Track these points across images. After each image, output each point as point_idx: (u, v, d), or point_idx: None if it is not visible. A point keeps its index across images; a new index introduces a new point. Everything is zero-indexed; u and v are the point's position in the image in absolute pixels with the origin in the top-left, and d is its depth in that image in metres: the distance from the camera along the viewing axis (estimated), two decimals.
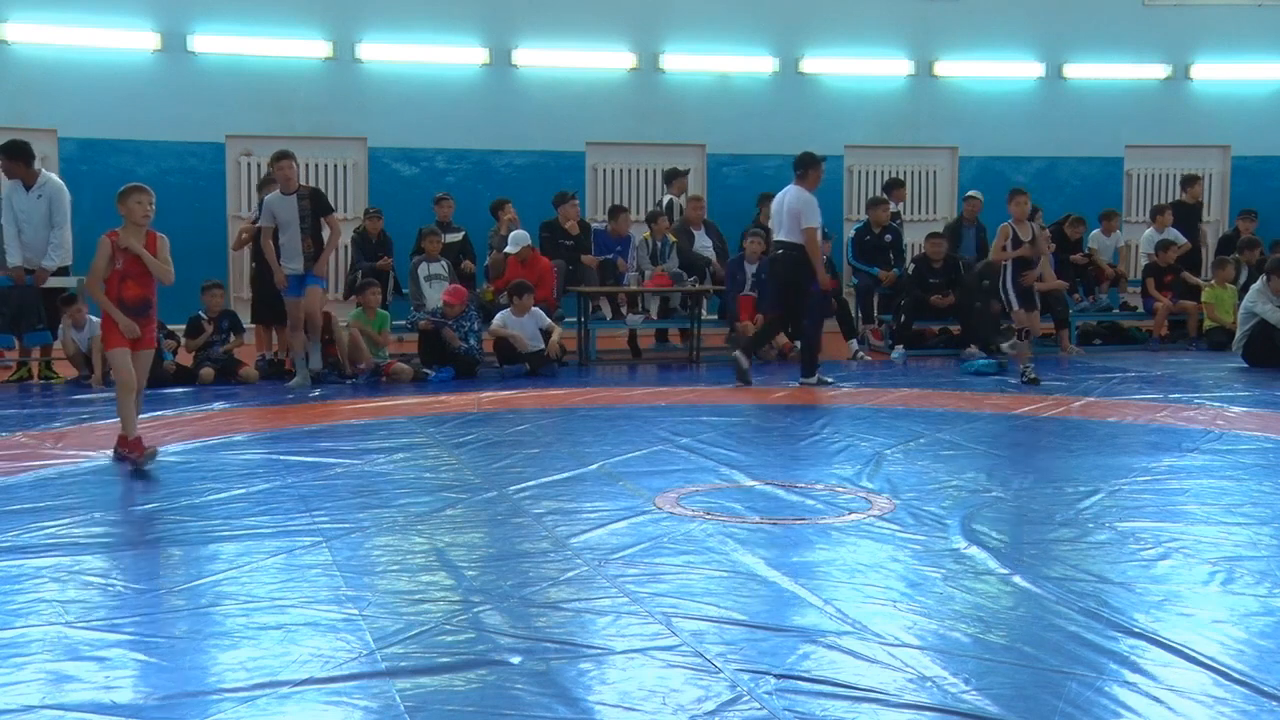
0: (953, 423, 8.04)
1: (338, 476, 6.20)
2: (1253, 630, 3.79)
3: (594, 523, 5.20)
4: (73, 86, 13.39)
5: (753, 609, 4.00)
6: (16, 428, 7.85)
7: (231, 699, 3.19)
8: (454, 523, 5.27)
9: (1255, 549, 4.77)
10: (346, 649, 3.58)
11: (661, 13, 15.28)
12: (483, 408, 8.86)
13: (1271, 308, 11.21)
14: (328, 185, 14.24)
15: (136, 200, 6.55)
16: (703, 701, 3.18)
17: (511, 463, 6.62)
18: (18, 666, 3.44)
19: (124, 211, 6.56)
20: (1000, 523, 5.22)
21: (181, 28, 13.84)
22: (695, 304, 12.38)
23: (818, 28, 15.68)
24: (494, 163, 14.74)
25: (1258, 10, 16.54)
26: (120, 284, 6.54)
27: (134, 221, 6.55)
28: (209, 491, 5.89)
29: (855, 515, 5.35)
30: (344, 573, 4.42)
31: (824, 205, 15.29)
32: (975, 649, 3.60)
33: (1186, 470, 6.38)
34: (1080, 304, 13.97)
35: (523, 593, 4.17)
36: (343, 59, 14.33)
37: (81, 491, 5.86)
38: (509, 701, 3.18)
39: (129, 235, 6.55)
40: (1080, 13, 16.20)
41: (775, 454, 6.97)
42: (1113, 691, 3.26)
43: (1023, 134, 16.06)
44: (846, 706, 3.16)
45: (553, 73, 14.89)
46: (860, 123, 15.78)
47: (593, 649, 3.61)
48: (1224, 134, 16.58)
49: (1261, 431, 7.64)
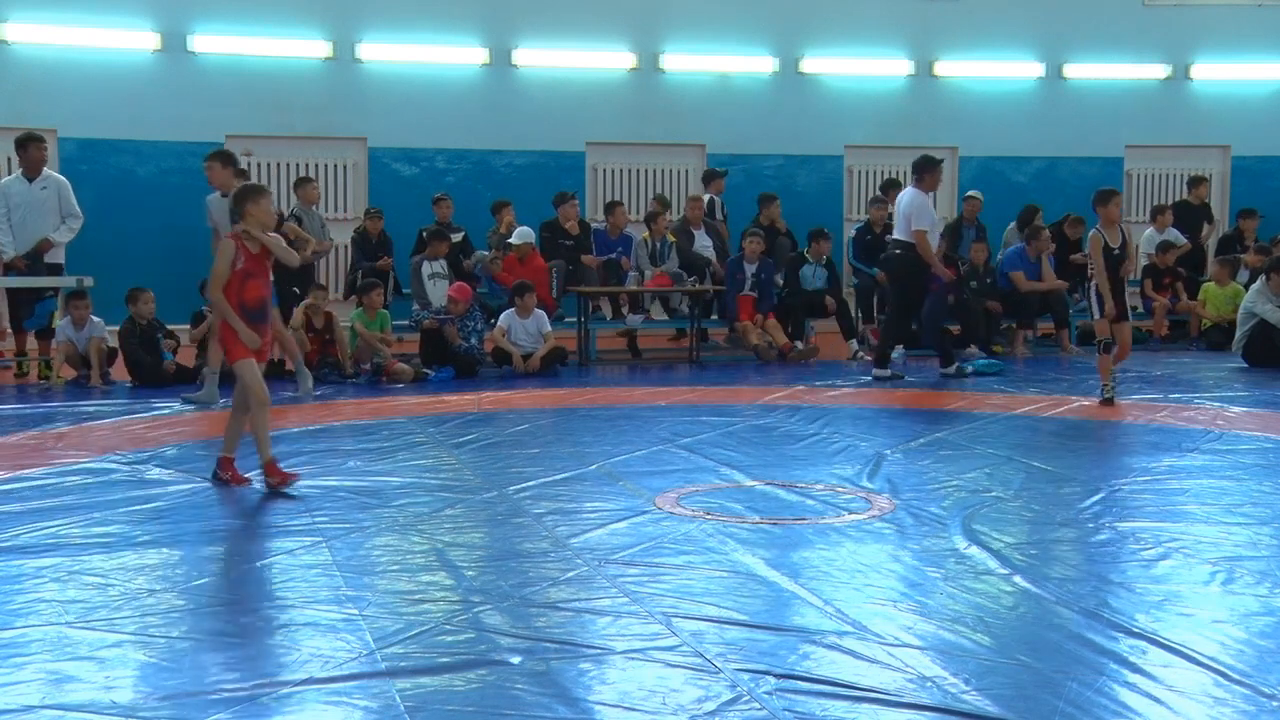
0: (953, 423, 8.04)
1: (338, 476, 6.20)
2: (1253, 630, 3.79)
3: (594, 523, 5.20)
4: (73, 86, 13.38)
5: (753, 609, 4.00)
6: (16, 428, 7.85)
7: (231, 699, 3.19)
8: (454, 523, 5.28)
9: (1255, 549, 4.77)
10: (346, 649, 3.58)
11: (661, 13, 15.28)
12: (483, 408, 8.86)
13: (1271, 308, 11.20)
14: (328, 185, 14.26)
15: (267, 204, 6.11)
16: (703, 701, 3.18)
17: (511, 463, 6.62)
18: (18, 666, 3.44)
19: (254, 212, 6.06)
20: (1000, 523, 5.22)
21: (181, 28, 13.84)
22: (695, 304, 12.38)
23: (818, 28, 15.68)
24: (494, 163, 14.75)
25: (1258, 10, 16.54)
26: (242, 285, 6.04)
27: (264, 226, 6.10)
28: (209, 491, 5.89)
29: (855, 515, 5.35)
30: (344, 573, 4.42)
31: (823, 205, 15.52)
32: (975, 649, 3.60)
33: (1186, 470, 6.38)
34: (1080, 304, 13.96)
35: (523, 593, 4.17)
36: (343, 59, 14.33)
37: (81, 491, 5.86)
38: (509, 701, 3.18)
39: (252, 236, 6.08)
40: (1080, 13, 16.20)
41: (775, 454, 6.96)
42: (1113, 691, 3.26)
43: (1023, 134, 16.06)
44: (846, 706, 3.16)
45: (553, 73, 14.89)
46: (860, 123, 15.78)
47: (593, 649, 3.61)
48: (1224, 134, 16.58)
49: (1261, 431, 7.63)
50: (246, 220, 6.07)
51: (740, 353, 12.38)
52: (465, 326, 10.97)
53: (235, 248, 6.03)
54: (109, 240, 11.91)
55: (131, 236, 12.45)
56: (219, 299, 6.06)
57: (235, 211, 6.15)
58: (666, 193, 14.97)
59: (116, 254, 11.69)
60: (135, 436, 7.50)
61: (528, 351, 10.92)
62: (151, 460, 6.67)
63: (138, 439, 7.39)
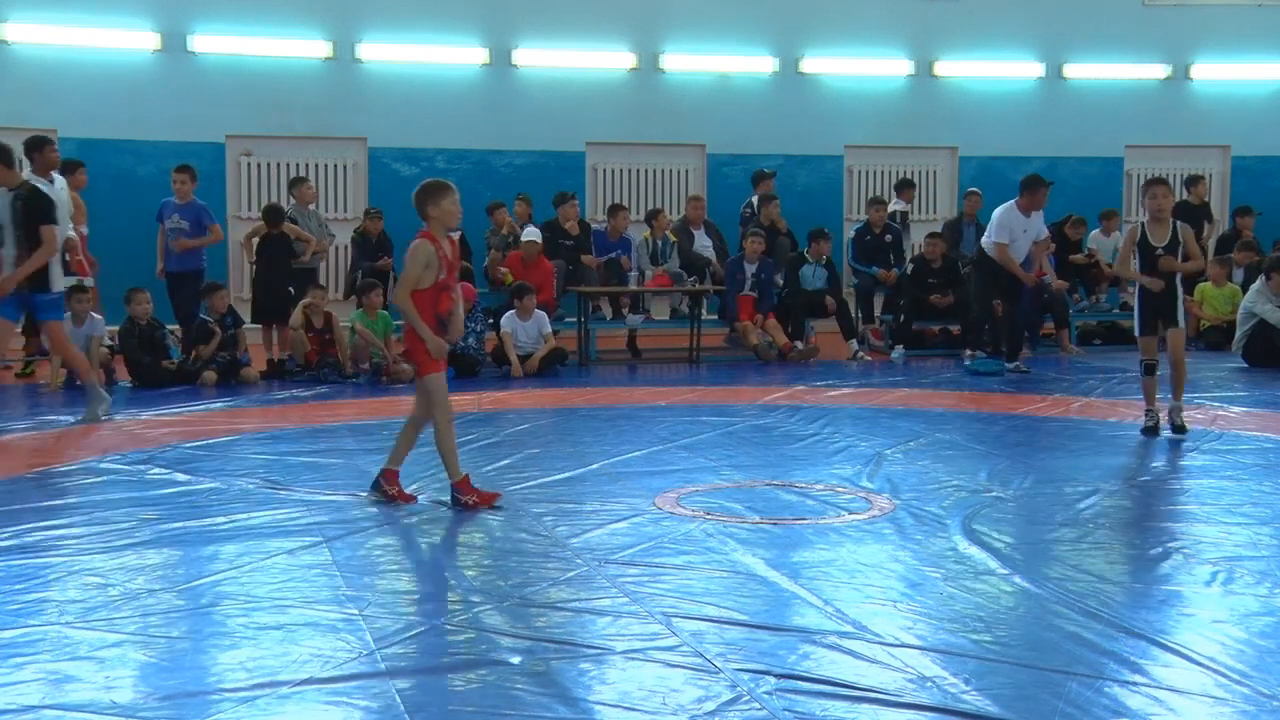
0: (953, 423, 8.04)
1: (338, 476, 6.20)
2: (1253, 630, 3.79)
3: (594, 523, 5.20)
4: (73, 86, 13.38)
5: (753, 609, 4.00)
6: (17, 428, 7.85)
7: (231, 699, 3.20)
8: (454, 523, 5.28)
9: (1255, 549, 4.77)
10: (346, 649, 3.58)
11: (661, 13, 15.27)
12: (483, 408, 8.86)
13: (1271, 308, 11.20)
14: (328, 185, 14.26)
15: (452, 201, 5.51)
16: (703, 701, 3.18)
17: (511, 463, 6.62)
18: (18, 666, 3.45)
19: (436, 214, 5.47)
20: (1000, 523, 5.22)
21: (181, 28, 13.83)
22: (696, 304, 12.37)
23: (818, 28, 15.67)
24: (494, 163, 14.74)
25: (1258, 10, 16.54)
26: (436, 297, 5.50)
27: (448, 226, 5.55)
28: (209, 491, 5.89)
29: (855, 515, 5.35)
30: (344, 573, 4.42)
31: (823, 205, 15.51)
32: (975, 649, 3.60)
33: (1186, 470, 6.38)
34: (1080, 304, 13.96)
35: (523, 593, 4.17)
36: (343, 59, 14.33)
37: (82, 492, 5.86)
38: (509, 701, 3.18)
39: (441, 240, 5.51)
40: (1080, 13, 16.19)
41: (775, 454, 6.97)
42: (1113, 691, 3.26)
43: (1023, 134, 16.05)
44: (846, 706, 3.16)
45: (553, 73, 14.89)
46: (860, 123, 15.77)
47: (593, 649, 3.61)
48: (1224, 134, 16.57)
49: (1261, 431, 7.63)
50: (430, 224, 5.48)
51: (740, 353, 12.38)
52: (465, 327, 10.96)
53: (434, 250, 5.43)
54: (109, 240, 11.90)
55: (131, 236, 12.43)
56: (408, 306, 5.44)
57: (417, 212, 5.55)
58: (666, 193, 14.97)
59: (117, 254, 11.67)
60: (135, 436, 7.50)
61: (528, 352, 10.92)
62: (151, 460, 6.66)
63: (138, 439, 7.39)
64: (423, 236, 5.47)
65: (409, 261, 5.45)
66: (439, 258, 5.43)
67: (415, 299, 5.44)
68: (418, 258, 5.42)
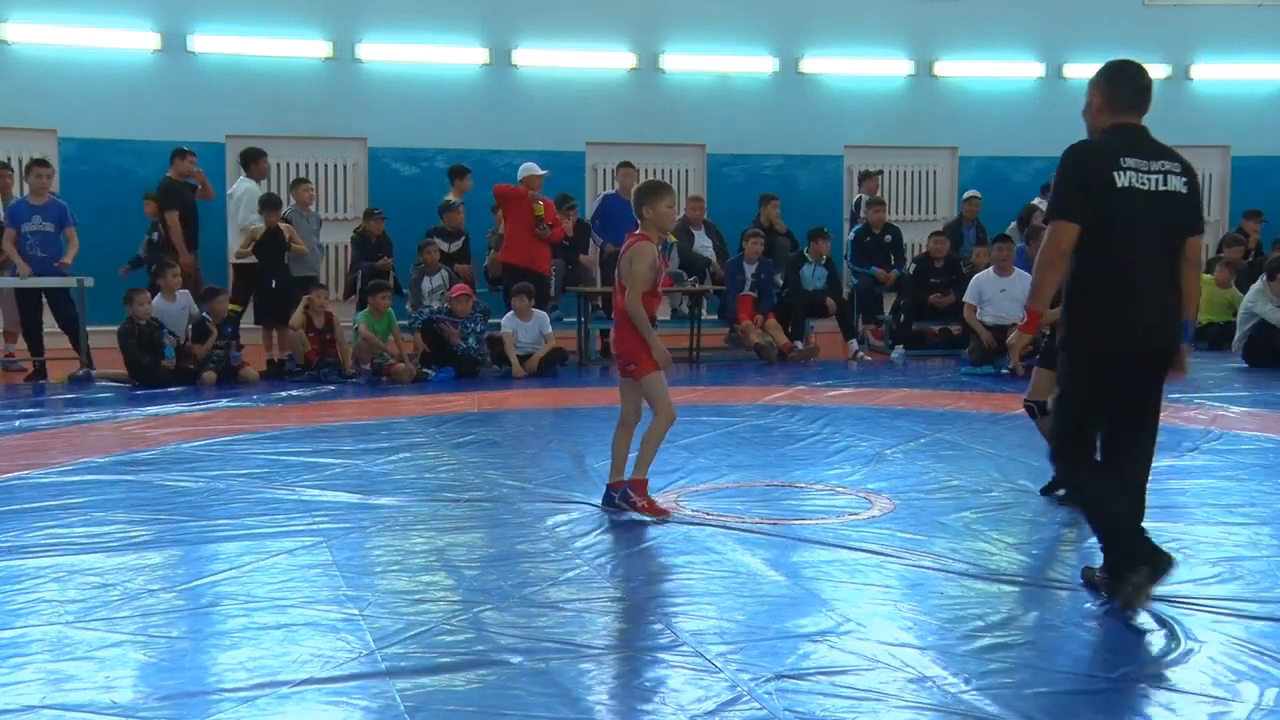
0: (953, 423, 8.04)
1: (338, 476, 6.20)
2: (1252, 630, 3.79)
3: (594, 523, 5.20)
4: (73, 86, 13.38)
5: (753, 609, 4.00)
6: (17, 428, 7.85)
7: (231, 699, 3.20)
8: (454, 523, 5.27)
9: (1255, 549, 4.77)
10: (346, 649, 3.58)
11: (661, 13, 15.28)
12: (483, 408, 8.86)
13: (1271, 308, 11.20)
14: (328, 185, 14.25)
15: (669, 204, 5.37)
16: (703, 701, 3.18)
17: (511, 463, 6.62)
18: (18, 666, 3.45)
19: (651, 215, 5.32)
20: (1000, 523, 5.22)
21: (181, 28, 13.83)
22: (696, 304, 12.37)
23: (818, 28, 15.68)
24: (494, 163, 14.71)
25: (1258, 10, 16.54)
26: (650, 299, 5.37)
27: (662, 228, 5.42)
28: (209, 491, 5.89)
29: (855, 515, 5.35)
30: (344, 573, 4.42)
31: (823, 205, 15.50)
32: (975, 649, 3.60)
33: (1186, 470, 6.37)
34: None
35: (523, 593, 4.17)
36: (343, 59, 14.33)
37: (82, 491, 5.85)
38: (509, 701, 3.18)
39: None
40: (1080, 13, 16.19)
41: (775, 454, 6.97)
42: (1113, 691, 3.26)
43: (1023, 134, 16.04)
44: (846, 706, 3.16)
45: (553, 73, 14.89)
46: (860, 123, 15.78)
47: (593, 649, 3.61)
48: (1224, 134, 16.57)
49: (1261, 431, 7.63)
50: (644, 225, 5.34)
51: (740, 353, 12.38)
52: (465, 327, 10.96)
53: (657, 252, 5.31)
54: (109, 240, 11.90)
55: (131, 236, 12.43)
56: (638, 309, 5.27)
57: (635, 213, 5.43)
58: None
59: (117, 254, 11.68)
60: (135, 436, 7.50)
61: (528, 352, 10.92)
62: (151, 460, 6.66)
63: (138, 439, 7.39)
64: (642, 239, 5.32)
65: (636, 263, 5.28)
66: (664, 263, 5.31)
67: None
68: (644, 259, 5.27)
